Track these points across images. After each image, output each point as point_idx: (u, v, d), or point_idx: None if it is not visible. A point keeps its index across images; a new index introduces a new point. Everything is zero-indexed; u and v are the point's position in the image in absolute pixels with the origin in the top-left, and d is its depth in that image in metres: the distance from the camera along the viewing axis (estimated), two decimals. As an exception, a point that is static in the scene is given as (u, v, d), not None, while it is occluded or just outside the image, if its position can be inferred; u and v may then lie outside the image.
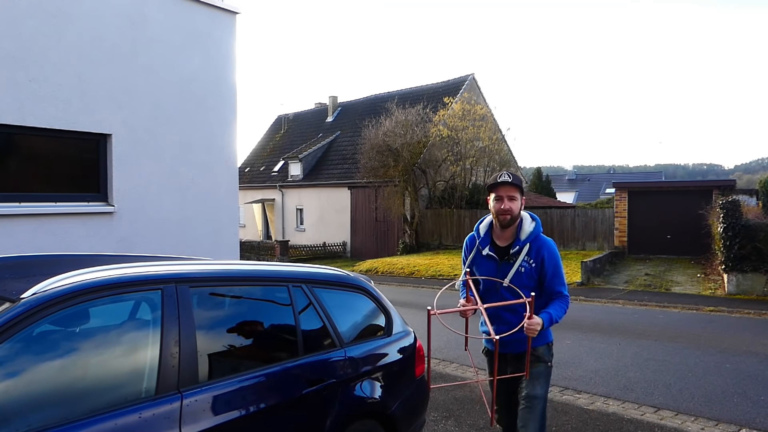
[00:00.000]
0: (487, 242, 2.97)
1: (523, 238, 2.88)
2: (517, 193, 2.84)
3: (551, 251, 2.89)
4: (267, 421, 2.47)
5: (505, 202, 2.81)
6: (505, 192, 2.82)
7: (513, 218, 2.84)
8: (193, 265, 2.68)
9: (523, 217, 2.93)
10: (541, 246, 2.88)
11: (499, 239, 2.95)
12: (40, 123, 5.37)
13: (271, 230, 29.59)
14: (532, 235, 2.89)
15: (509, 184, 2.82)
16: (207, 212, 6.81)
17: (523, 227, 2.90)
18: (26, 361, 1.95)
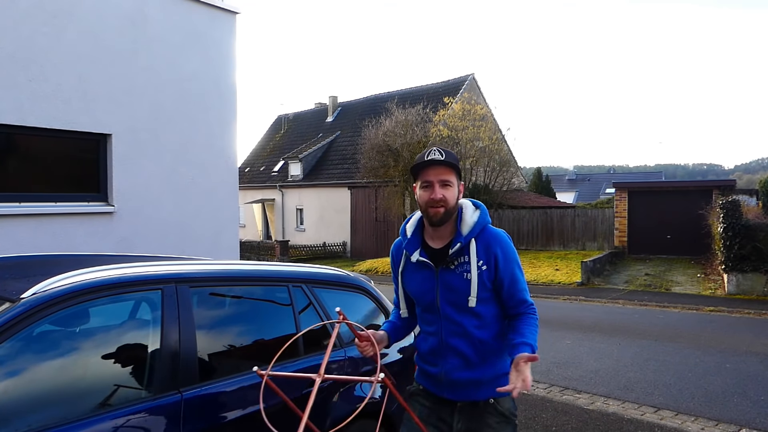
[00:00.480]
0: (417, 245, 2.15)
1: (466, 232, 2.06)
2: (452, 176, 2.03)
3: (505, 247, 2.07)
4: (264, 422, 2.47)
5: (437, 190, 2.00)
6: (435, 175, 2.01)
7: (448, 212, 2.03)
8: (193, 265, 2.68)
9: (463, 205, 2.14)
10: (490, 241, 2.07)
11: (433, 240, 2.14)
12: (40, 123, 5.37)
13: (271, 230, 29.59)
14: (478, 227, 2.08)
15: (441, 164, 2.01)
16: (207, 212, 6.81)
17: (464, 219, 2.09)
18: (26, 361, 1.95)
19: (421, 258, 2.11)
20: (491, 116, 23.58)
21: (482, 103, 24.36)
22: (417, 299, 2.19)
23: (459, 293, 2.04)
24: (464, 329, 2.05)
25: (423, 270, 2.13)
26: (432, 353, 2.14)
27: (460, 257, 2.06)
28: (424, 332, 2.19)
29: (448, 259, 2.06)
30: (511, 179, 24.44)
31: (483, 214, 2.14)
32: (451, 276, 2.06)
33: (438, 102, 23.67)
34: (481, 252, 2.05)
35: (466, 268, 2.04)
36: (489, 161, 22.20)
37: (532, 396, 5.20)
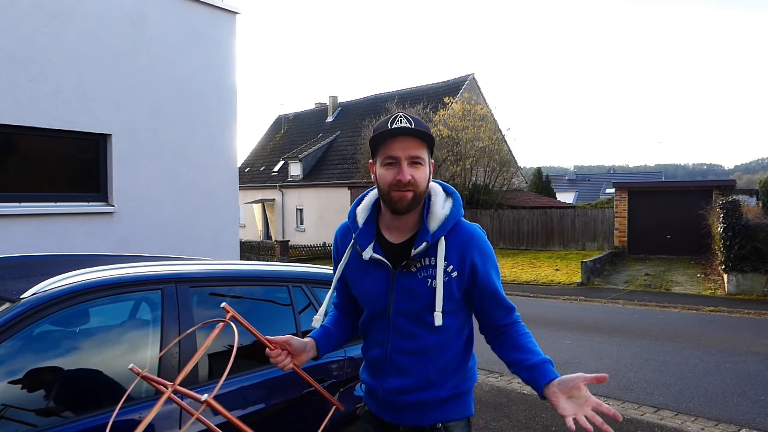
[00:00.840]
0: (370, 238, 1.66)
1: (434, 227, 1.60)
2: (423, 152, 1.58)
3: (484, 250, 1.64)
4: (267, 421, 2.47)
5: (404, 169, 1.54)
6: (403, 150, 1.55)
7: (416, 198, 1.58)
8: (193, 265, 2.68)
9: (433, 191, 1.68)
10: (466, 243, 1.61)
11: (391, 231, 1.67)
12: (40, 123, 5.37)
13: (271, 230, 29.59)
14: (449, 222, 1.62)
15: (411, 135, 1.55)
16: (207, 212, 6.81)
17: (433, 210, 1.63)
18: (26, 361, 1.95)
19: (376, 256, 1.62)
20: (491, 116, 23.60)
21: (482, 103, 24.38)
22: (365, 305, 1.72)
23: (419, 304, 1.60)
24: (418, 346, 1.62)
25: (376, 270, 1.64)
26: (373, 365, 1.72)
27: (424, 258, 1.60)
28: (369, 339, 1.75)
29: (410, 261, 1.60)
30: (511, 179, 24.46)
31: (456, 204, 1.67)
32: (412, 281, 1.60)
33: (438, 102, 23.68)
34: (452, 254, 1.59)
35: (430, 273, 1.58)
36: (489, 161, 22.22)
37: (532, 396, 5.20)
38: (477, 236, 1.65)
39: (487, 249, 1.67)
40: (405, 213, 1.60)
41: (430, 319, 1.58)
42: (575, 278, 13.58)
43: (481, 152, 21.67)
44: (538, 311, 9.93)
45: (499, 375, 5.87)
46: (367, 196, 1.77)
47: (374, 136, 1.58)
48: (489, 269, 1.64)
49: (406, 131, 1.54)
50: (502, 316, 1.67)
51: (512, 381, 5.66)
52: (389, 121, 1.57)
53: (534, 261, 16.88)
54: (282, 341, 1.65)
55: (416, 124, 1.56)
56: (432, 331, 1.61)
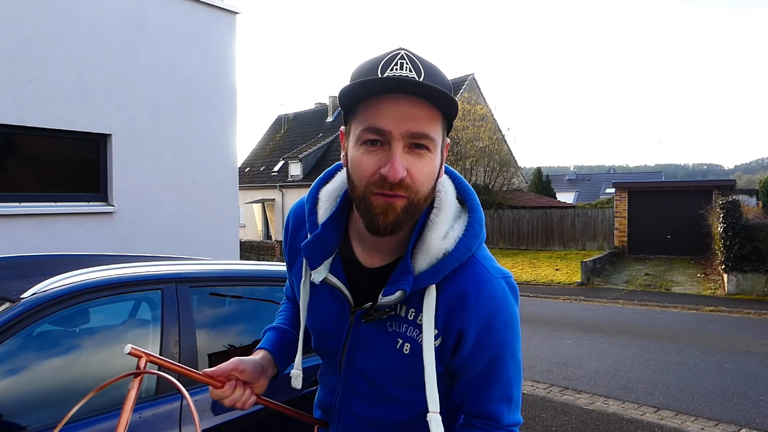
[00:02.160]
0: (329, 250, 1.03)
1: (422, 266, 0.96)
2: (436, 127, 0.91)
3: (487, 318, 0.96)
4: (267, 422, 2.47)
5: (397, 158, 0.87)
6: (399, 119, 0.87)
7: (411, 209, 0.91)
8: (193, 265, 2.68)
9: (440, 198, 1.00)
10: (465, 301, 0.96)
11: (364, 246, 1.04)
12: (40, 123, 5.37)
13: (271, 230, 29.59)
14: (451, 263, 0.95)
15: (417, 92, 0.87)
16: (207, 212, 6.81)
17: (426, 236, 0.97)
18: (26, 361, 1.95)
19: (332, 280, 1.03)
20: (491, 116, 23.61)
21: (482, 103, 24.39)
22: (315, 339, 1.18)
23: (381, 371, 1.05)
24: (374, 416, 1.11)
25: (330, 299, 1.08)
26: (325, 409, 1.26)
27: (400, 308, 1.00)
28: (322, 372, 1.27)
29: (373, 314, 1.00)
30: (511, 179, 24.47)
31: (472, 234, 0.98)
32: (376, 335, 1.03)
33: (438, 102, 23.65)
34: (440, 314, 0.97)
35: (408, 335, 1.00)
36: (489, 161, 22.23)
37: (532, 396, 5.20)
38: (484, 291, 0.97)
39: (497, 313, 0.97)
40: (389, 234, 0.93)
41: (393, 391, 1.06)
42: (575, 278, 13.57)
43: (481, 152, 21.69)
44: (538, 311, 9.93)
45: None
46: (339, 174, 1.10)
47: (351, 87, 0.88)
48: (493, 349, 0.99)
49: (409, 85, 0.86)
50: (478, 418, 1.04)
51: (512, 381, 5.67)
52: (381, 63, 0.90)
53: (534, 261, 16.88)
54: (227, 370, 1.09)
55: (427, 73, 0.89)
56: (400, 407, 1.08)
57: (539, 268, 15.53)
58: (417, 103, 0.88)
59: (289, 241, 1.18)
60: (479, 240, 0.99)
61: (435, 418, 0.96)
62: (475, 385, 1.02)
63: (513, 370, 1.02)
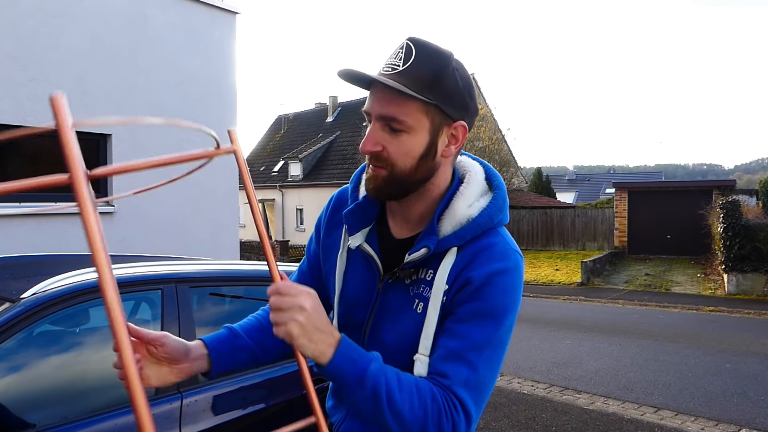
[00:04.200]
0: (368, 221, 1.15)
1: (447, 230, 1.05)
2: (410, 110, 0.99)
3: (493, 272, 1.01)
4: (267, 422, 2.47)
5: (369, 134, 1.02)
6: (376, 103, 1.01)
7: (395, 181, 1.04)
8: (193, 265, 2.68)
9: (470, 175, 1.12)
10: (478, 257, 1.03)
11: (396, 220, 1.15)
12: (40, 123, 5.37)
13: (271, 230, 29.60)
14: (472, 228, 1.04)
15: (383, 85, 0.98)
16: (207, 212, 6.81)
17: (453, 204, 1.07)
18: (26, 361, 1.96)
19: (366, 247, 1.11)
20: (491, 116, 23.61)
21: (482, 103, 24.39)
22: (341, 312, 1.17)
23: (400, 336, 1.07)
24: None
25: (363, 268, 1.14)
26: (336, 391, 1.24)
27: (421, 270, 1.07)
28: None
29: (399, 272, 1.08)
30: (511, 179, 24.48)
31: (494, 208, 1.07)
32: (397, 297, 1.09)
33: (438, 102, 23.65)
34: (454, 271, 1.03)
35: (423, 293, 1.05)
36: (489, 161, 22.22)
37: (532, 396, 5.20)
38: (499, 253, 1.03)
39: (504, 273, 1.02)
40: (381, 200, 1.11)
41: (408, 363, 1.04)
42: (575, 278, 13.57)
43: (481, 152, 21.69)
44: (538, 311, 9.93)
45: (499, 375, 5.87)
46: None
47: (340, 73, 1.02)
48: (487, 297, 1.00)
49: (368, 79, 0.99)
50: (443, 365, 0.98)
51: (512, 381, 5.66)
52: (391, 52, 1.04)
53: (534, 261, 16.88)
54: (150, 337, 1.01)
55: (413, 62, 0.98)
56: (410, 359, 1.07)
57: (539, 268, 15.53)
58: (390, 90, 0.98)
59: (328, 217, 1.28)
60: (502, 213, 1.08)
61: (421, 359, 1.01)
62: (446, 335, 1.00)
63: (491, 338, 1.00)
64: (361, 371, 0.90)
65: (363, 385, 0.90)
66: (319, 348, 0.86)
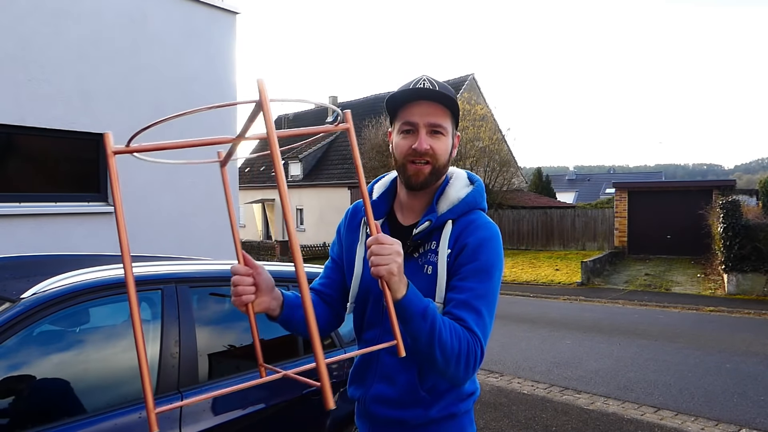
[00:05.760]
0: (381, 214, 1.52)
1: (443, 209, 1.43)
2: (447, 121, 1.42)
3: (482, 239, 1.39)
4: (267, 422, 2.47)
5: (422, 137, 1.38)
6: (422, 116, 1.38)
7: (435, 172, 1.42)
8: (193, 265, 2.68)
9: (454, 174, 1.54)
10: (469, 227, 1.42)
11: (403, 212, 1.53)
12: (40, 123, 5.37)
13: (271, 230, 29.59)
14: (462, 206, 1.44)
15: (432, 98, 1.38)
16: (207, 212, 6.81)
17: (447, 192, 1.47)
18: (26, 361, 1.96)
19: None
20: (491, 116, 23.61)
21: (482, 103, 24.39)
22: (360, 293, 1.49)
23: None
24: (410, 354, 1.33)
25: None
26: (362, 368, 1.55)
27: (426, 243, 1.43)
28: (361, 340, 1.57)
29: (410, 243, 1.42)
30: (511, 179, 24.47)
31: (476, 193, 1.48)
32: (410, 268, 1.39)
33: (438, 102, 23.64)
34: (452, 239, 1.40)
35: (430, 260, 1.40)
36: (489, 161, 22.22)
37: (532, 396, 5.20)
38: (487, 228, 1.42)
39: (491, 243, 1.40)
40: (421, 189, 1.45)
41: None
42: (575, 278, 13.57)
43: (481, 152, 21.68)
44: (538, 311, 9.93)
45: (499, 375, 5.87)
46: (389, 174, 1.62)
47: (392, 98, 1.42)
48: (477, 252, 1.36)
49: (427, 94, 1.37)
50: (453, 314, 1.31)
51: (512, 381, 5.66)
52: (412, 83, 1.40)
53: (534, 261, 16.88)
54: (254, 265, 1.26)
55: (440, 88, 1.39)
56: None
57: (539, 268, 15.53)
58: (432, 105, 1.39)
59: (348, 222, 1.62)
60: (482, 198, 1.50)
61: (438, 306, 1.34)
62: (454, 291, 1.35)
63: (487, 289, 1.35)
64: (424, 306, 1.21)
65: (425, 317, 1.21)
66: (400, 286, 1.17)
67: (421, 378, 1.41)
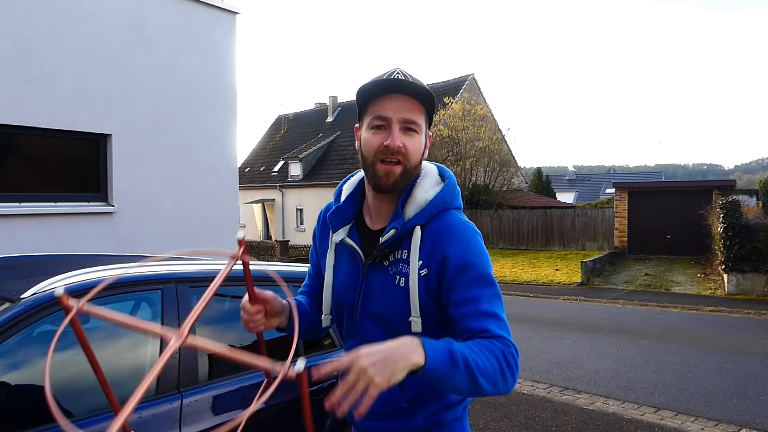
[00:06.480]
0: (347, 218, 1.40)
1: (410, 214, 1.30)
2: (420, 117, 1.29)
3: (464, 246, 1.26)
4: (267, 422, 2.47)
5: (395, 134, 1.26)
6: (396, 110, 1.26)
7: (406, 173, 1.29)
8: (193, 265, 2.68)
9: (425, 171, 1.38)
10: (442, 235, 1.28)
11: (372, 216, 1.40)
12: (40, 123, 5.37)
13: (271, 230, 29.59)
14: (431, 209, 1.31)
15: (408, 91, 1.27)
16: (207, 212, 6.81)
17: (414, 193, 1.33)
18: (26, 361, 1.95)
19: (348, 241, 1.35)
20: (491, 116, 23.61)
21: (482, 103, 24.38)
22: (334, 302, 1.43)
23: (389, 307, 1.30)
24: None
25: (348, 259, 1.39)
26: None
27: (396, 251, 1.31)
28: (345, 347, 1.47)
29: (377, 252, 1.31)
30: (511, 179, 24.47)
31: (446, 193, 1.34)
32: (381, 278, 1.31)
33: (438, 102, 23.61)
34: (425, 249, 1.27)
35: (402, 270, 1.29)
36: (489, 161, 22.22)
37: (532, 396, 5.20)
38: (460, 229, 1.28)
39: (471, 246, 1.27)
40: (390, 192, 1.31)
41: (400, 327, 1.26)
42: (575, 278, 13.57)
43: (481, 152, 21.68)
44: (538, 311, 9.93)
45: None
46: (357, 174, 1.48)
47: (362, 90, 1.29)
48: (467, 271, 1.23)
49: (402, 87, 1.26)
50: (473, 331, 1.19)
51: (512, 381, 5.67)
52: (385, 75, 1.28)
53: (534, 261, 16.88)
54: (265, 298, 1.35)
55: (413, 80, 1.28)
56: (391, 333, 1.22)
57: (539, 268, 15.53)
58: (407, 99, 1.27)
59: (320, 227, 1.54)
60: (453, 197, 1.36)
61: (415, 320, 1.27)
62: (462, 306, 1.22)
63: (492, 292, 1.24)
64: (447, 353, 1.06)
65: (456, 363, 1.06)
66: (410, 360, 1.01)
67: (402, 389, 1.32)
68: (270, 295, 1.36)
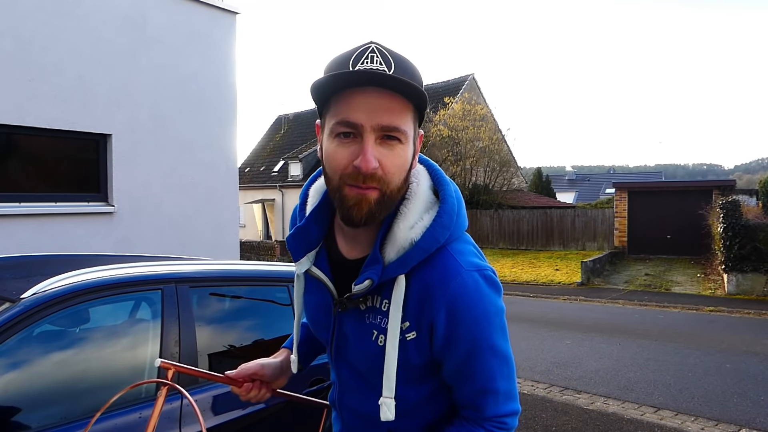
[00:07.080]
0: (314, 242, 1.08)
1: (391, 256, 0.96)
2: (407, 119, 0.92)
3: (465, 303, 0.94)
4: (267, 422, 2.47)
5: (368, 149, 0.88)
6: (370, 112, 0.88)
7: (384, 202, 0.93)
8: (193, 265, 2.68)
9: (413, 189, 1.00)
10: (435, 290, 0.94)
11: (348, 240, 1.05)
12: (40, 123, 5.37)
13: (271, 230, 29.59)
14: (417, 253, 0.95)
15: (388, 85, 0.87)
16: (207, 212, 6.81)
17: (394, 227, 0.96)
18: (26, 361, 1.96)
19: (315, 272, 1.05)
20: (491, 116, 23.62)
21: (482, 103, 24.39)
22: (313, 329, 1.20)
23: (367, 363, 1.05)
24: (366, 411, 1.08)
25: (317, 292, 1.11)
26: (332, 404, 1.26)
27: (374, 297, 1.01)
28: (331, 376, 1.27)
29: (349, 301, 1.02)
30: (511, 179, 24.48)
31: (440, 223, 0.96)
32: (355, 326, 1.04)
33: (438, 102, 23.68)
34: (412, 306, 0.96)
35: (381, 325, 1.00)
36: (489, 161, 22.24)
37: (532, 396, 5.20)
38: (462, 286, 0.94)
39: (476, 310, 0.95)
40: (363, 225, 0.94)
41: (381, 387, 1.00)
42: (575, 278, 13.57)
43: (481, 152, 21.69)
44: (538, 311, 9.93)
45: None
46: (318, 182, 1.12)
47: (318, 83, 0.90)
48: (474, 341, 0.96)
49: (379, 78, 0.86)
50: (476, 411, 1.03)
51: (512, 381, 5.66)
52: (353, 57, 0.90)
53: (534, 261, 16.88)
54: (251, 372, 1.21)
55: (397, 66, 0.89)
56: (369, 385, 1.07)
57: (539, 268, 15.53)
58: (387, 95, 0.88)
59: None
60: (448, 231, 0.96)
61: (386, 402, 0.98)
62: (455, 376, 1.02)
63: (495, 363, 0.99)
64: None
65: None
66: None
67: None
68: (255, 366, 1.21)
